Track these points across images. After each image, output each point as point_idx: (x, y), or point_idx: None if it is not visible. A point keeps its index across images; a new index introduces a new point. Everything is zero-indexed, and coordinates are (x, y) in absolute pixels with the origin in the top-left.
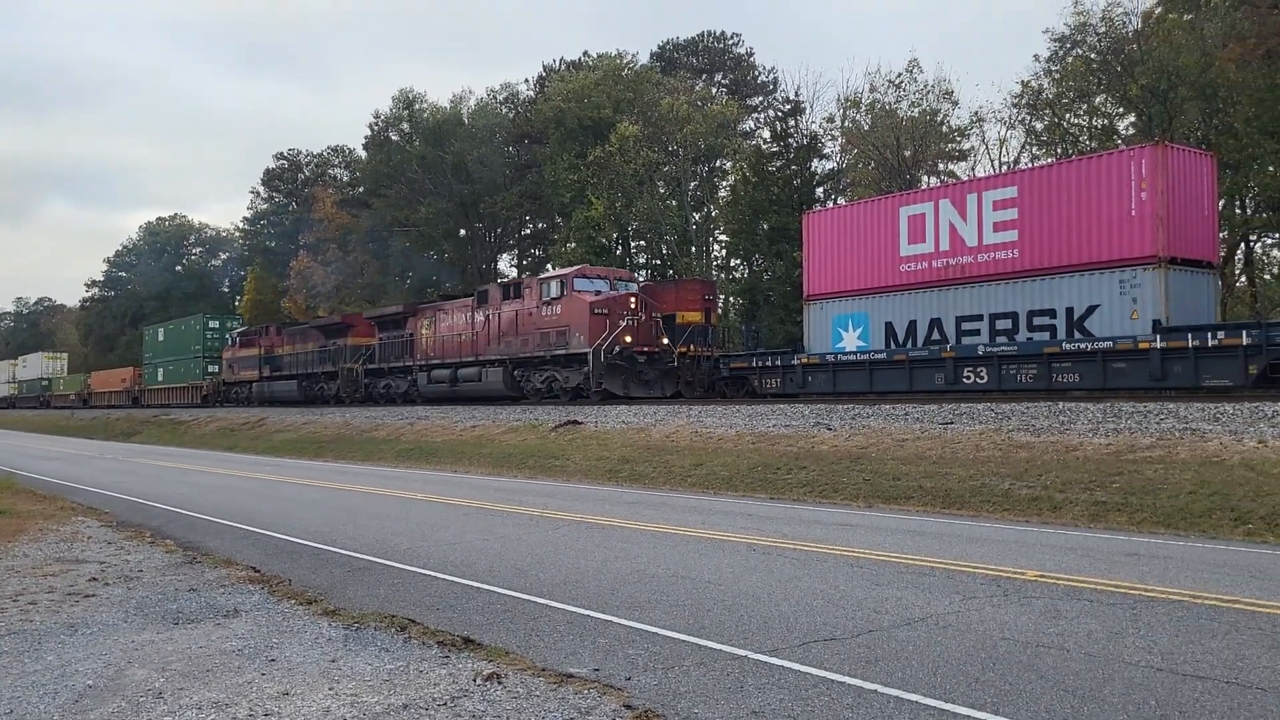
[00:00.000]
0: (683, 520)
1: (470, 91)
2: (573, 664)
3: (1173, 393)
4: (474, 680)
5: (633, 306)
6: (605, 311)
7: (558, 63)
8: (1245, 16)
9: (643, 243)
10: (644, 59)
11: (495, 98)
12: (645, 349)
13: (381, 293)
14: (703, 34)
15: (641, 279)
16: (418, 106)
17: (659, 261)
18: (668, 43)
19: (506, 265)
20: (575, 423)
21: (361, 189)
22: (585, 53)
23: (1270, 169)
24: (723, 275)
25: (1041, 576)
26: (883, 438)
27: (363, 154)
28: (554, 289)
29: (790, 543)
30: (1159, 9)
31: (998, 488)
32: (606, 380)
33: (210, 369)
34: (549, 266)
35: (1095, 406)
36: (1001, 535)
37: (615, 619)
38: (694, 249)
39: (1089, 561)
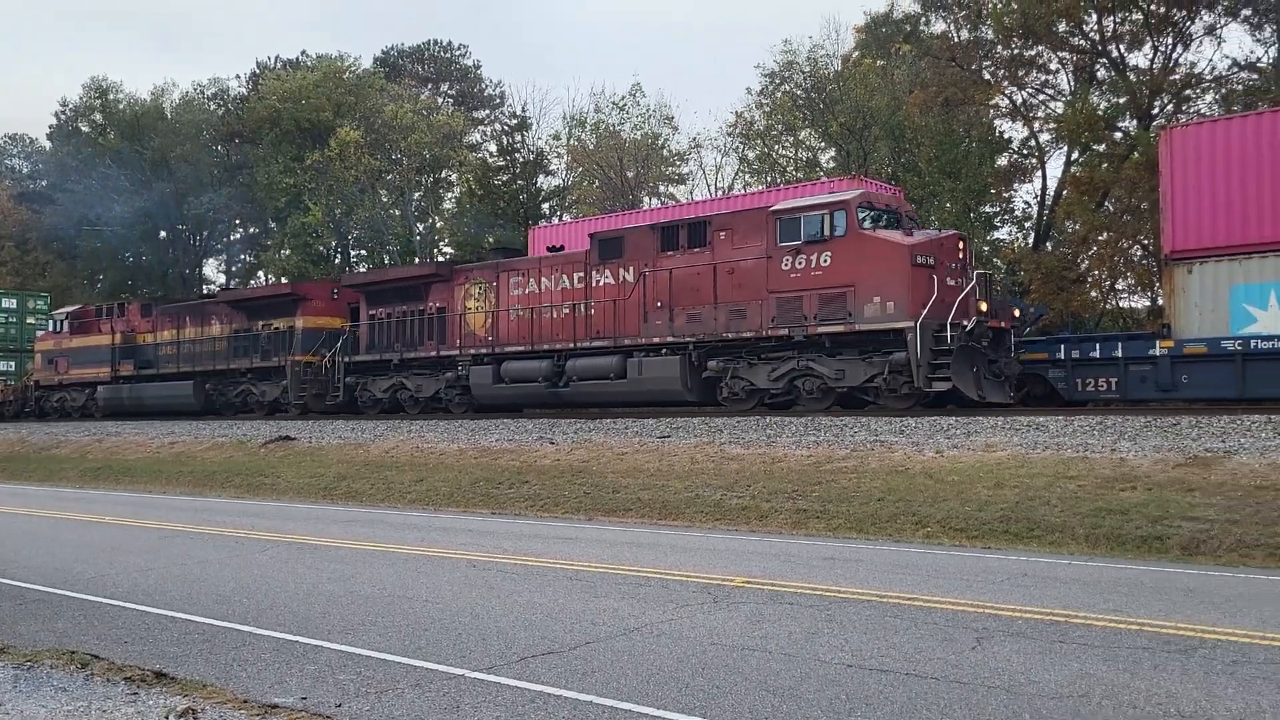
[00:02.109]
0: (401, 538)
1: (174, 84)
2: (278, 693)
3: (867, 410)
4: (166, 717)
5: (960, 256)
6: (929, 262)
7: (273, 60)
8: (928, 67)
9: (364, 252)
10: (367, 63)
11: (203, 93)
12: (997, 324)
13: (67, 297)
14: (429, 42)
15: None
16: (113, 96)
17: None
18: (392, 48)
19: (213, 270)
20: (287, 438)
21: (45, 183)
22: (304, 52)
23: (948, 205)
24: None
25: (748, 582)
26: (603, 451)
27: (47, 144)
28: (815, 225)
29: (511, 557)
30: (856, 54)
31: (711, 498)
32: (954, 374)
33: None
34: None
35: (797, 420)
36: (713, 544)
37: (326, 644)
38: (418, 260)
39: (791, 566)
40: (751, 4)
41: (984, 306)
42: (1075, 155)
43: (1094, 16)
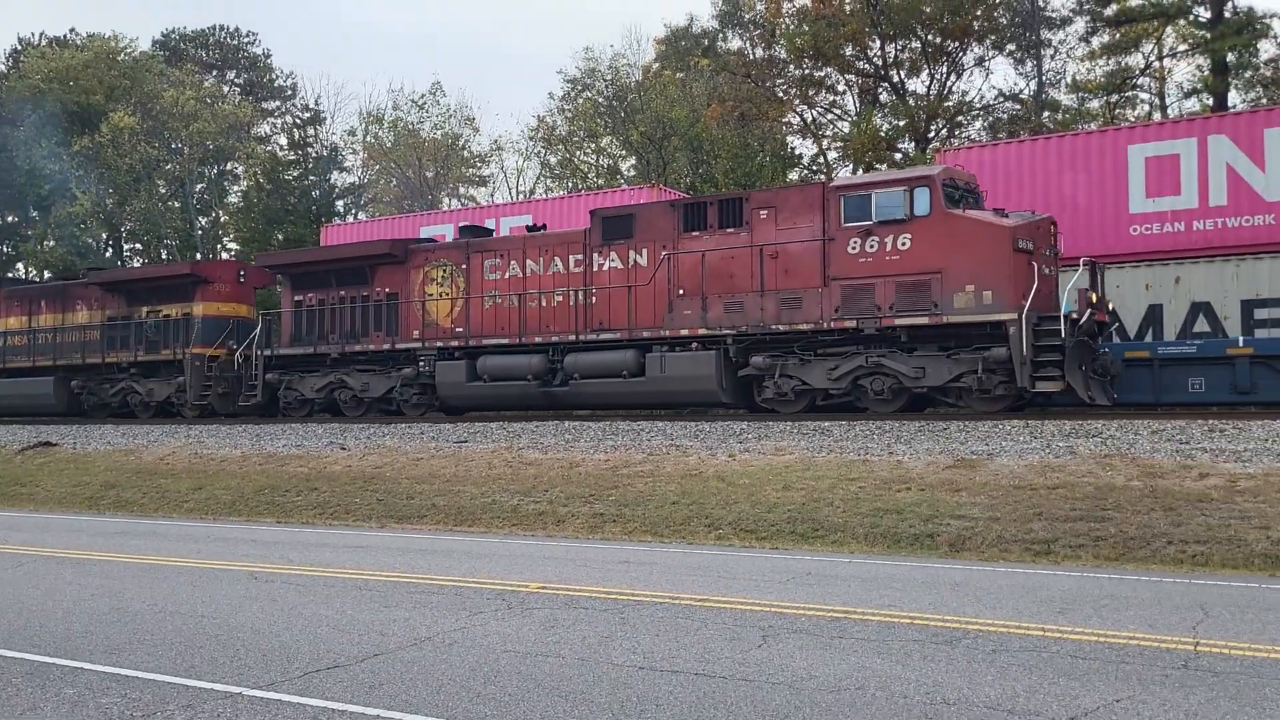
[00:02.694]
0: (176, 550)
1: None
2: None
3: (662, 413)
4: None
5: (1053, 242)
6: (1029, 247)
7: (37, 37)
8: (725, 82)
9: (139, 245)
10: (145, 45)
11: None
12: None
13: None
14: (215, 27)
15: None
16: None
17: None
18: (174, 31)
19: None
20: (48, 444)
21: None
22: (73, 29)
23: None
24: None
25: (543, 588)
26: (398, 457)
27: None
28: (891, 203)
29: (296, 568)
30: (656, 65)
31: (508, 503)
32: (1068, 372)
33: None
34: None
35: (595, 425)
36: (509, 550)
37: (87, 665)
38: (199, 255)
39: (587, 571)
40: (554, 8)
41: (1094, 297)
42: (859, 172)
43: (878, 43)
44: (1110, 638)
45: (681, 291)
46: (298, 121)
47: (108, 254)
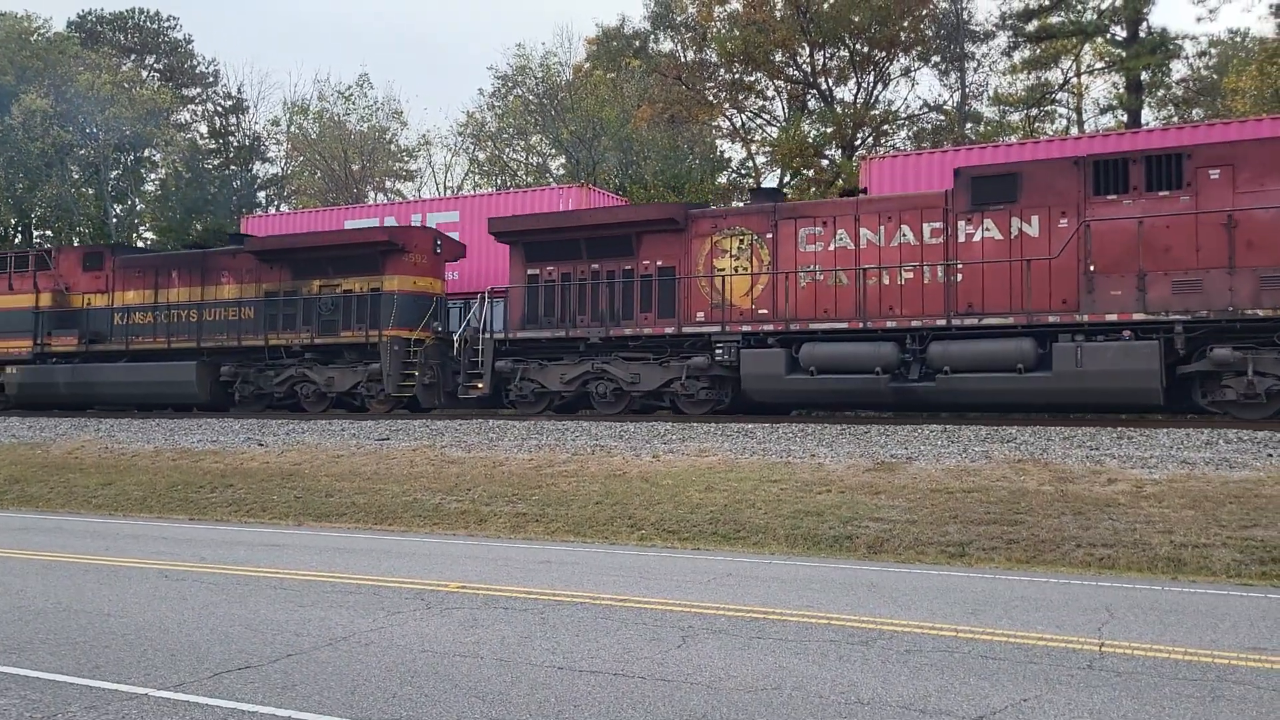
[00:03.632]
0: (83, 547)
1: None
2: None
3: (586, 413)
4: None
5: None
6: None
7: None
8: (655, 84)
9: (49, 233)
10: (59, 26)
11: None
12: None
13: None
14: (133, 10)
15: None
16: None
17: None
18: (90, 13)
19: None
20: None
21: None
22: None
23: None
24: None
25: (463, 587)
26: (318, 453)
27: None
28: None
29: (209, 566)
30: (588, 64)
31: (429, 502)
32: None
33: None
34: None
35: (520, 425)
36: (430, 549)
37: None
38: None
39: (508, 570)
40: (487, 4)
41: None
42: (787, 178)
43: (807, 50)
44: (1020, 638)
45: (1095, 267)
46: (219, 110)
47: (17, 240)
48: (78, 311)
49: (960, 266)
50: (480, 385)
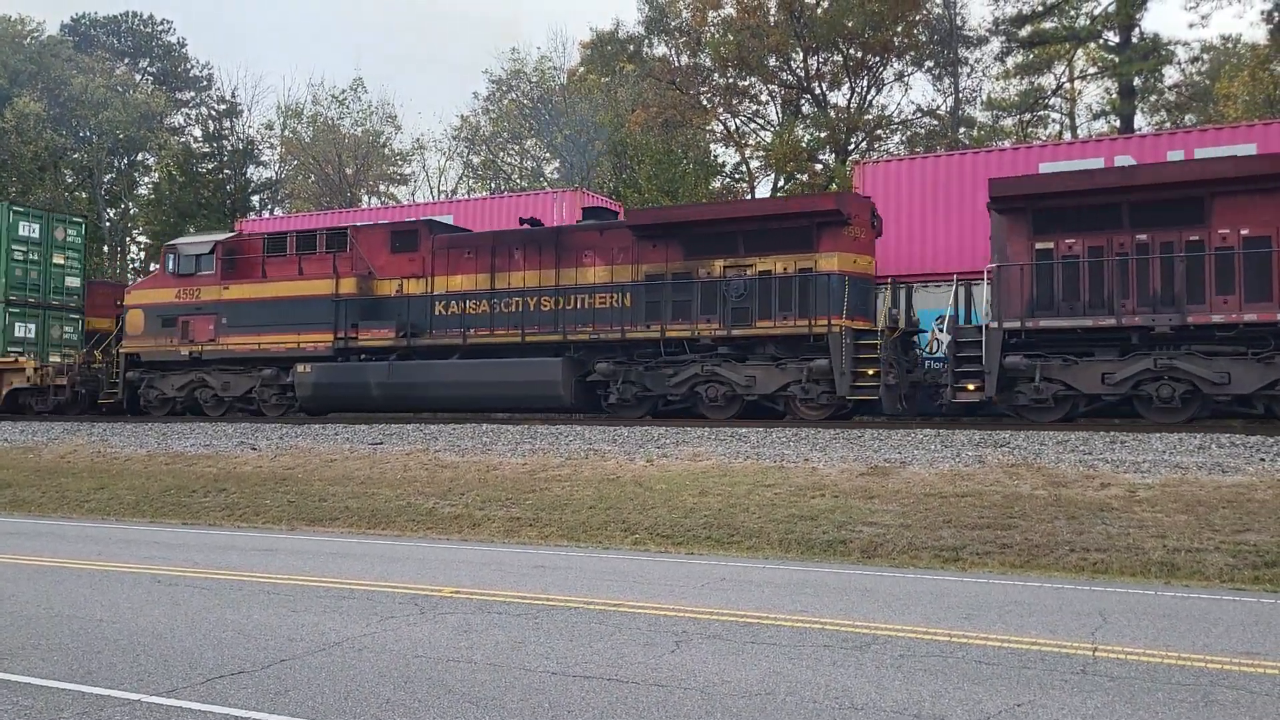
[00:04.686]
0: (75, 552)
1: None
2: None
3: (582, 416)
4: None
5: None
6: None
7: None
8: (649, 88)
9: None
10: (53, 29)
11: None
12: None
13: None
14: (127, 14)
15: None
16: None
17: None
18: (84, 16)
19: None
20: None
21: None
22: None
23: None
24: (141, 279)
25: (457, 592)
26: (311, 458)
27: None
28: None
29: (202, 571)
30: (582, 69)
31: (423, 506)
32: None
33: (66, 333)
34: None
35: (515, 428)
36: (424, 553)
37: None
38: (107, 249)
39: (501, 575)
40: (480, 7)
41: None
42: (781, 182)
43: (801, 55)
44: (1014, 643)
45: None
46: (213, 113)
47: None
48: (389, 300)
49: None
50: (974, 387)
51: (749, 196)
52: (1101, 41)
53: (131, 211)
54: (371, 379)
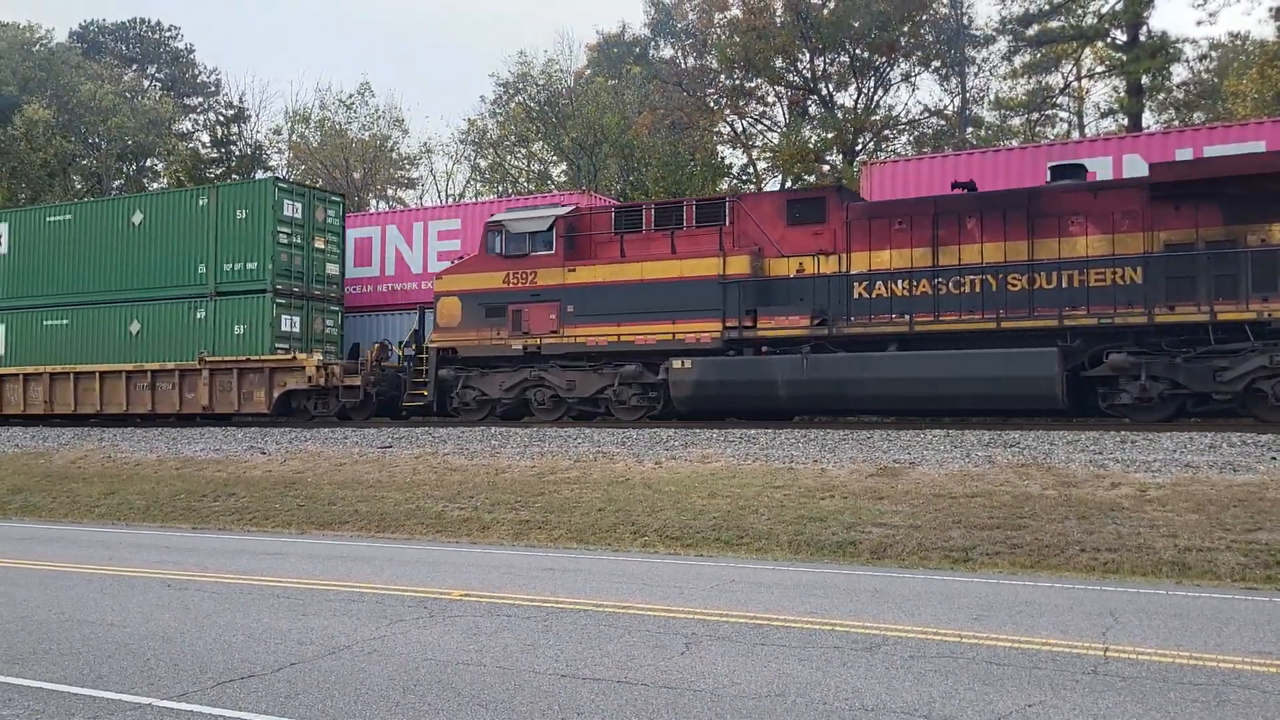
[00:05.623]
0: (86, 556)
1: None
2: None
3: (590, 420)
4: None
5: None
6: None
7: None
8: (656, 90)
9: None
10: (61, 36)
11: None
12: None
13: None
14: (135, 20)
15: None
16: None
17: None
18: (92, 23)
19: None
20: None
21: None
22: None
23: None
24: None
25: (466, 595)
26: (320, 461)
27: None
28: None
29: (212, 576)
30: (589, 71)
31: (432, 509)
32: None
33: (328, 328)
34: None
35: (523, 431)
36: (433, 556)
37: None
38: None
39: (510, 578)
40: (487, 11)
41: None
42: (788, 183)
43: (807, 56)
44: (1024, 643)
45: None
46: (221, 119)
47: None
48: (791, 281)
49: None
50: None
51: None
52: (1109, 40)
53: None
54: (779, 376)
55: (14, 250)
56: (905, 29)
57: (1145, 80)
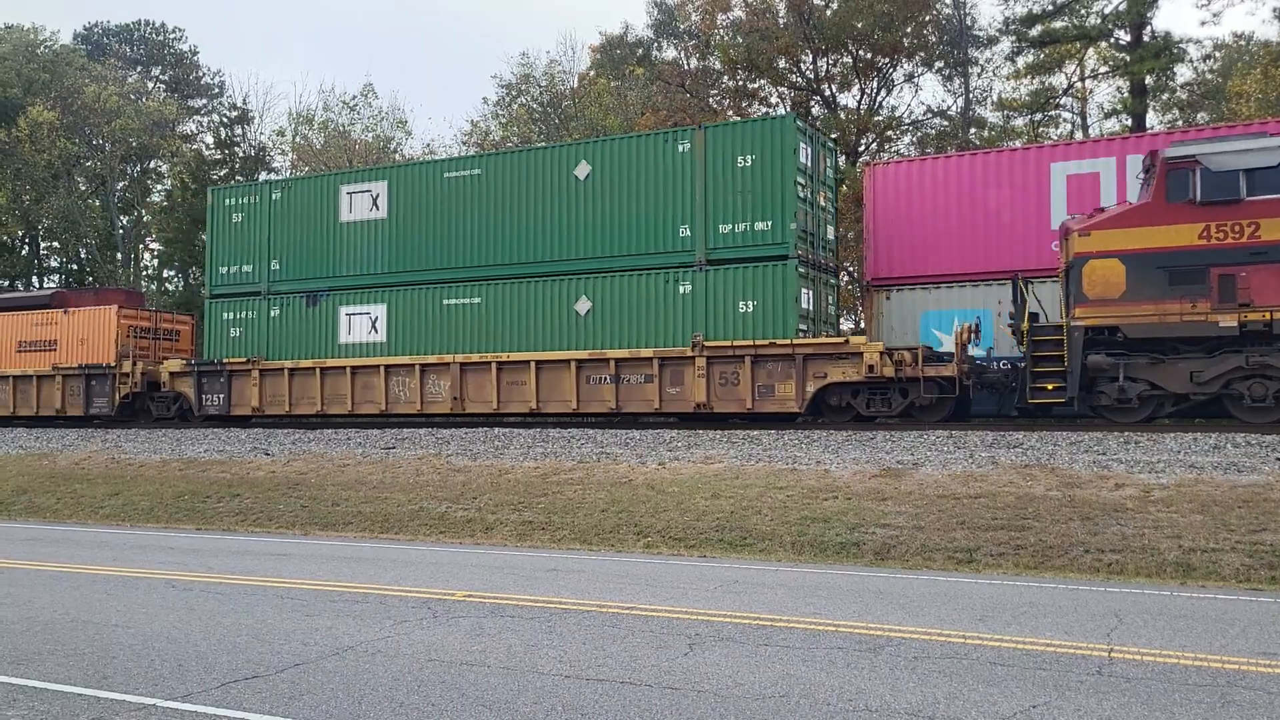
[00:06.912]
0: (91, 557)
1: None
2: None
3: (592, 419)
4: None
5: None
6: None
7: None
8: (659, 91)
9: (56, 244)
10: (66, 38)
11: None
12: None
13: None
14: (139, 22)
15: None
16: None
17: (75, 267)
18: (96, 25)
19: None
20: None
21: None
22: None
23: None
24: (153, 286)
25: (470, 596)
26: (324, 463)
27: None
28: None
29: (216, 576)
30: (592, 72)
31: (435, 510)
32: None
33: (828, 305)
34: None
35: (527, 432)
36: (436, 557)
37: None
38: (119, 256)
39: (514, 579)
40: (490, 11)
41: None
42: None
43: (810, 57)
44: (1028, 644)
45: None
46: (225, 120)
47: (23, 251)
48: None
49: None
50: None
51: None
52: (1113, 40)
53: (144, 219)
54: None
55: (397, 214)
56: (908, 30)
57: (1149, 81)
